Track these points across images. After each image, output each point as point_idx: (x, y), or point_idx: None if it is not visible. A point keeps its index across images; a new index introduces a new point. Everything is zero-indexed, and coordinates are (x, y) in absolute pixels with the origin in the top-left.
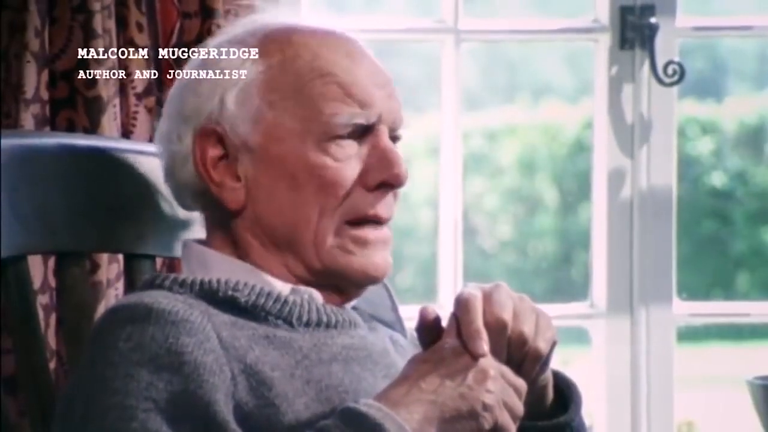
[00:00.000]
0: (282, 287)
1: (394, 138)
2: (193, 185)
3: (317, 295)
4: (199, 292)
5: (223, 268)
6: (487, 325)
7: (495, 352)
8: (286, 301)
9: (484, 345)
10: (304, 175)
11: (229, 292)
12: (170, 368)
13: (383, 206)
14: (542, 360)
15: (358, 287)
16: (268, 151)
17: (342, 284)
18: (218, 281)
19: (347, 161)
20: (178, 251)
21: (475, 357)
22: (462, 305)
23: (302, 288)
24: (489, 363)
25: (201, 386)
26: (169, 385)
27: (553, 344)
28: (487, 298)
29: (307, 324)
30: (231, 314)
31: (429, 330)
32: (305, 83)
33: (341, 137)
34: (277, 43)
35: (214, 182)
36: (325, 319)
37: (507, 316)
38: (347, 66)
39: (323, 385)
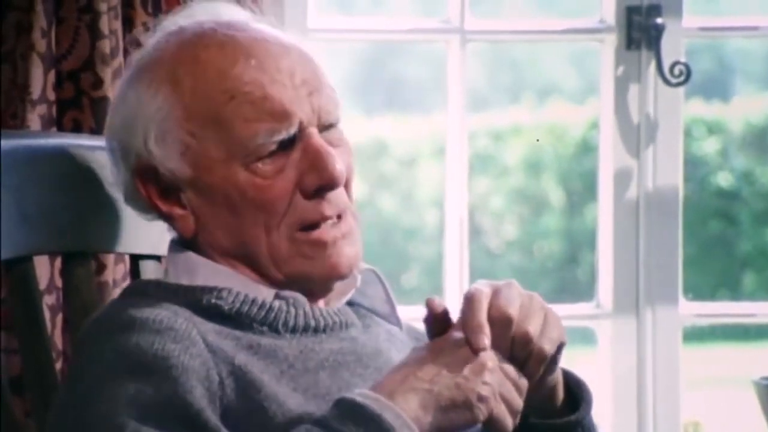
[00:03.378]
0: (267, 293)
1: (330, 126)
2: (151, 211)
3: (302, 299)
4: (183, 299)
5: (208, 274)
6: (491, 319)
7: (498, 347)
8: (271, 308)
9: (485, 339)
10: (239, 199)
11: (213, 300)
12: (158, 373)
13: (328, 206)
14: (546, 360)
15: (325, 287)
16: (201, 181)
17: (309, 287)
18: (202, 289)
19: (279, 175)
20: None
21: (475, 351)
22: (467, 300)
23: (287, 293)
24: (488, 356)
25: (191, 391)
26: (158, 391)
27: (561, 345)
28: (496, 293)
29: (294, 330)
30: (215, 323)
31: (436, 322)
32: (218, 107)
33: (266, 155)
34: (185, 66)
35: (163, 214)
36: (312, 323)
37: (513, 312)
38: (257, 79)
39: (310, 394)
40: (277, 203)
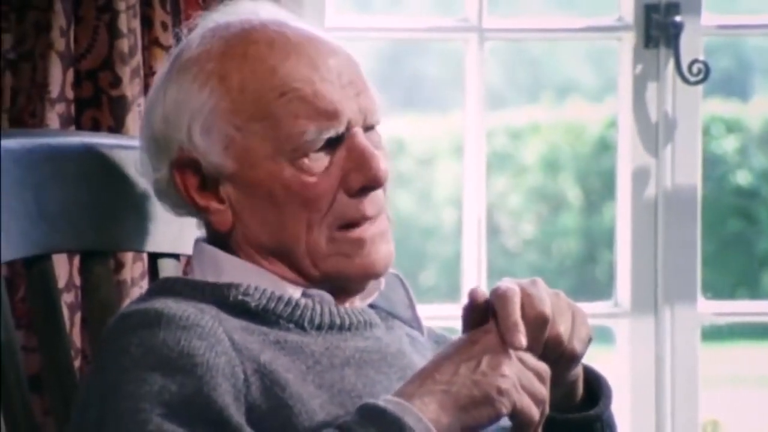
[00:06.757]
0: (293, 290)
1: (371, 128)
2: (184, 205)
3: (329, 297)
4: (209, 296)
5: (235, 271)
6: (526, 319)
7: (532, 348)
8: (297, 305)
9: (522, 338)
10: (283, 194)
11: (240, 297)
12: (183, 371)
13: (369, 206)
14: (577, 361)
15: (360, 286)
16: (244, 175)
17: (344, 285)
18: (228, 285)
19: (324, 172)
20: None
21: (514, 350)
22: (500, 298)
23: (314, 291)
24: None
25: (215, 389)
26: (183, 388)
27: (588, 341)
28: (526, 292)
29: (320, 327)
30: (242, 319)
31: (474, 313)
32: (268, 103)
33: (313, 151)
34: (234, 61)
35: (200, 208)
36: (338, 321)
37: (548, 311)
38: (308, 76)
39: (336, 390)
40: (321, 200)
